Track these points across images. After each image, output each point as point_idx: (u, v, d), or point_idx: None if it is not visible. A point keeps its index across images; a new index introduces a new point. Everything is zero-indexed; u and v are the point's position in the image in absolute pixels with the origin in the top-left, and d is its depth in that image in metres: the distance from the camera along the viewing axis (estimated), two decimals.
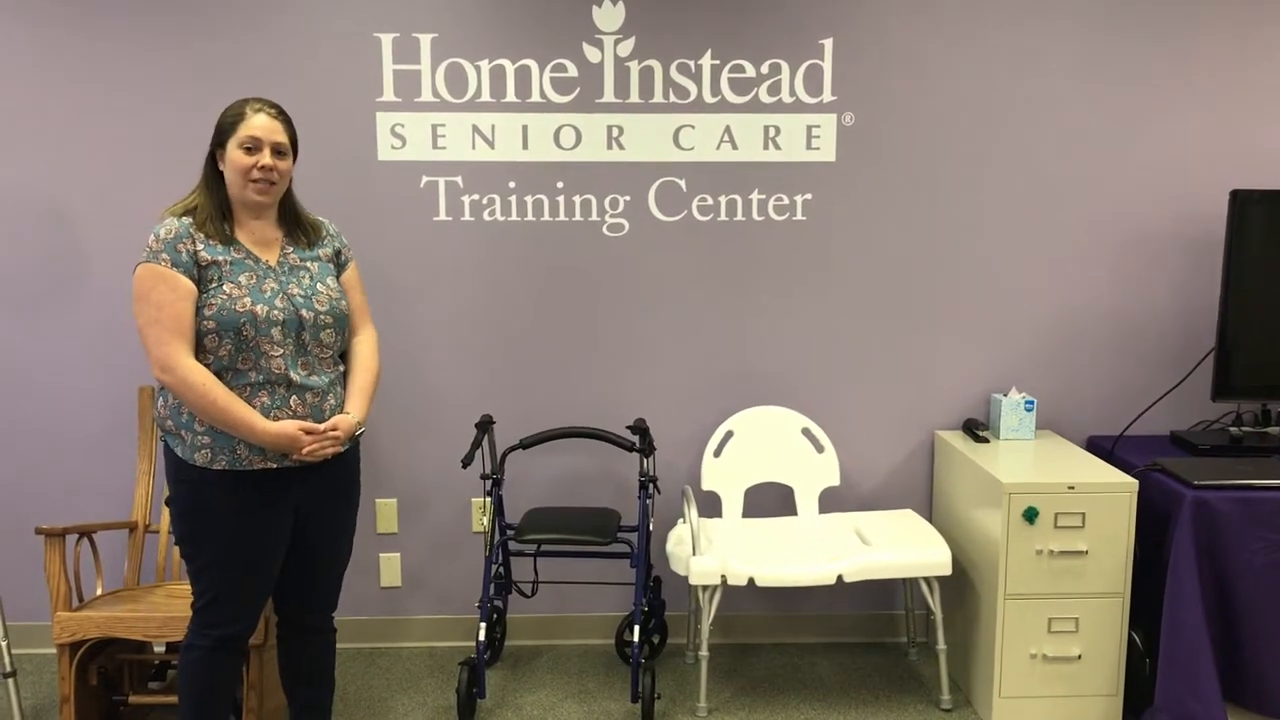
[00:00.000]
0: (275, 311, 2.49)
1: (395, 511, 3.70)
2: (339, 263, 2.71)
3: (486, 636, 3.26)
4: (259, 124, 2.49)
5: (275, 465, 2.53)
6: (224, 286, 2.47)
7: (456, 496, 3.71)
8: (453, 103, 3.48)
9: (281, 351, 2.50)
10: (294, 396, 2.52)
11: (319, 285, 2.60)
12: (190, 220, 2.50)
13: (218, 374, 2.47)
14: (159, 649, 3.25)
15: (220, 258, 2.49)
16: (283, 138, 2.54)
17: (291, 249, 2.61)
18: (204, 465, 2.49)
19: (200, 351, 2.47)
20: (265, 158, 2.49)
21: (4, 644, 2.94)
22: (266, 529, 2.56)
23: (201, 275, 2.47)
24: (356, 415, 2.64)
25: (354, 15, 3.44)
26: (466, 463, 3.21)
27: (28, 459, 3.61)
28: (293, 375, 2.51)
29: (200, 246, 2.48)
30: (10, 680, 2.96)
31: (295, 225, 2.65)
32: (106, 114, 3.45)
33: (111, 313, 3.52)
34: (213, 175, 2.55)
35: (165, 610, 2.98)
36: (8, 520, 3.58)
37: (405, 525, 3.72)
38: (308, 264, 2.61)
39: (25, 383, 3.57)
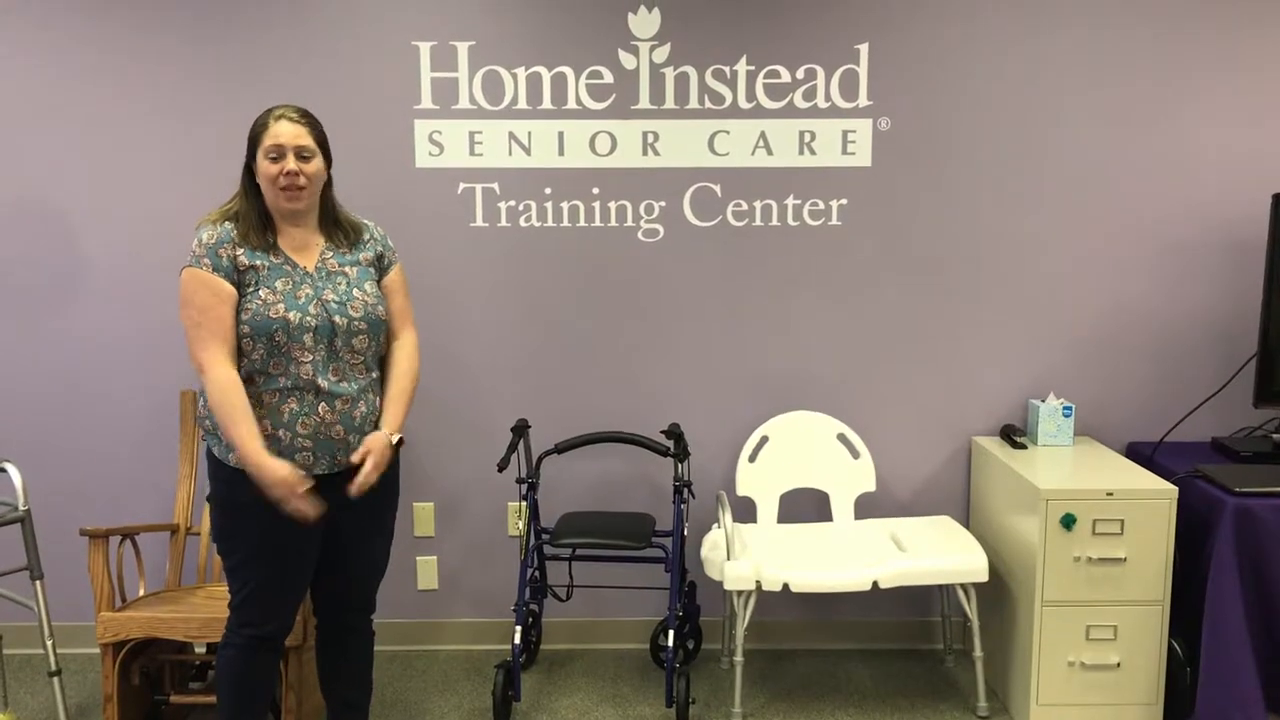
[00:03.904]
0: (308, 318, 2.51)
1: (432, 515, 3.73)
2: (381, 266, 2.72)
3: (522, 640, 3.28)
4: (281, 131, 2.51)
5: (303, 472, 2.55)
6: (260, 292, 2.50)
7: (493, 500, 3.73)
8: (490, 110, 3.51)
9: (312, 358, 2.52)
10: (322, 403, 2.54)
11: (355, 291, 2.60)
12: (232, 226, 2.55)
13: (250, 376, 2.51)
14: (200, 649, 3.30)
15: (258, 263, 2.53)
16: (306, 140, 2.54)
17: (331, 254, 2.62)
18: (236, 465, 2.53)
19: (239, 354, 2.52)
20: (289, 164, 2.51)
21: (50, 643, 2.99)
22: (295, 530, 2.58)
23: (240, 280, 2.51)
24: (389, 428, 2.64)
25: (393, 24, 3.48)
26: (502, 467, 3.23)
27: (73, 462, 3.67)
28: (320, 381, 2.53)
29: (240, 252, 2.52)
30: (55, 679, 3.01)
31: (335, 227, 2.66)
32: (151, 120, 3.51)
33: (153, 317, 3.58)
34: (250, 186, 2.58)
35: (206, 611, 3.02)
36: (54, 522, 3.64)
37: (442, 529, 3.75)
38: (346, 269, 2.63)
39: (70, 387, 3.63)
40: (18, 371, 3.62)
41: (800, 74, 3.51)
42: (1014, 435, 3.54)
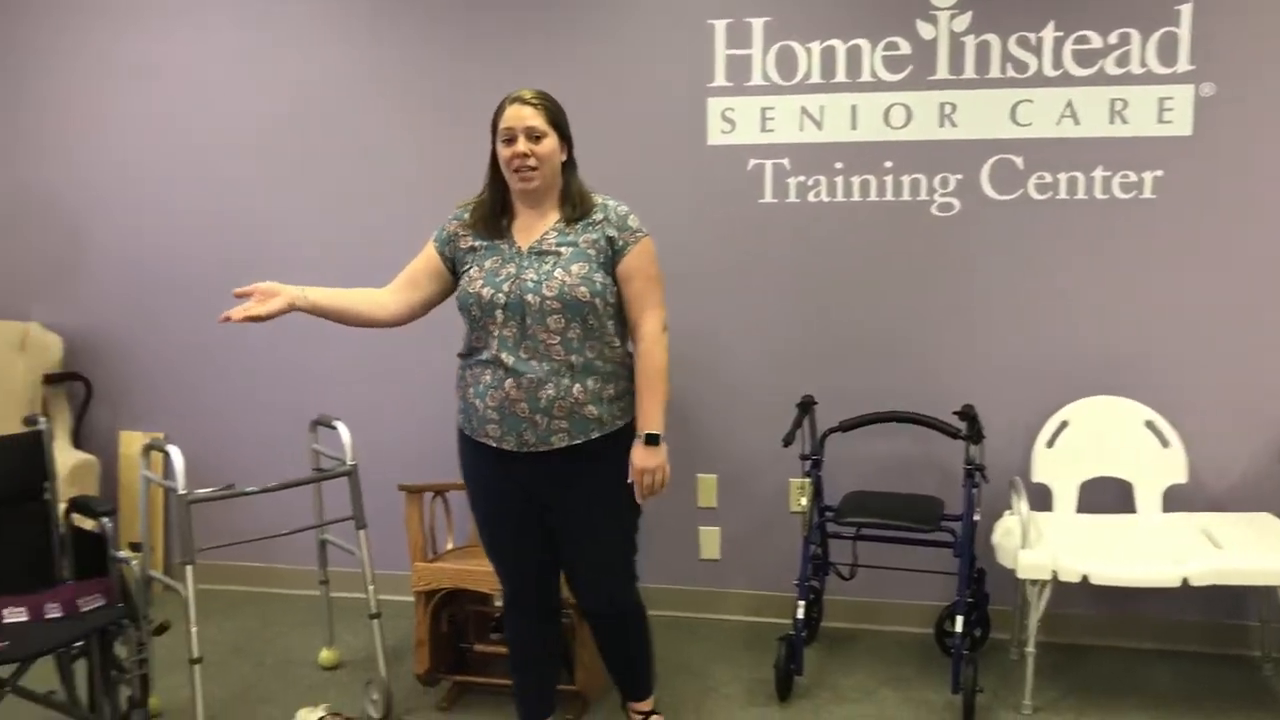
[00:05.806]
0: (499, 294, 2.57)
1: (715, 487, 3.79)
2: (613, 250, 2.61)
3: (804, 615, 3.29)
4: (510, 114, 2.57)
5: (494, 444, 2.64)
6: (472, 270, 2.64)
7: (775, 475, 3.75)
8: (782, 85, 3.51)
9: (500, 333, 2.58)
10: (509, 379, 2.58)
11: (558, 270, 2.56)
12: (468, 210, 2.70)
13: (469, 350, 2.67)
14: (498, 603, 3.49)
15: (478, 244, 2.67)
16: (536, 121, 2.55)
17: (554, 235, 2.61)
18: (460, 425, 2.75)
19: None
20: (519, 146, 2.55)
21: (371, 588, 3.26)
22: (499, 495, 2.72)
23: (463, 258, 2.68)
24: (641, 427, 2.62)
25: (688, 3, 3.53)
26: (787, 442, 3.24)
27: (393, 422, 3.98)
28: (505, 357, 2.57)
29: (467, 234, 2.68)
30: (375, 621, 3.27)
31: (570, 205, 2.63)
32: (457, 110, 3.73)
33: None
34: (493, 173, 2.67)
35: None
36: (374, 477, 3.93)
37: (724, 501, 3.80)
38: (561, 249, 2.60)
39: (392, 353, 3.94)
40: (345, 341, 3.94)
41: (1113, 39, 3.31)
42: None
